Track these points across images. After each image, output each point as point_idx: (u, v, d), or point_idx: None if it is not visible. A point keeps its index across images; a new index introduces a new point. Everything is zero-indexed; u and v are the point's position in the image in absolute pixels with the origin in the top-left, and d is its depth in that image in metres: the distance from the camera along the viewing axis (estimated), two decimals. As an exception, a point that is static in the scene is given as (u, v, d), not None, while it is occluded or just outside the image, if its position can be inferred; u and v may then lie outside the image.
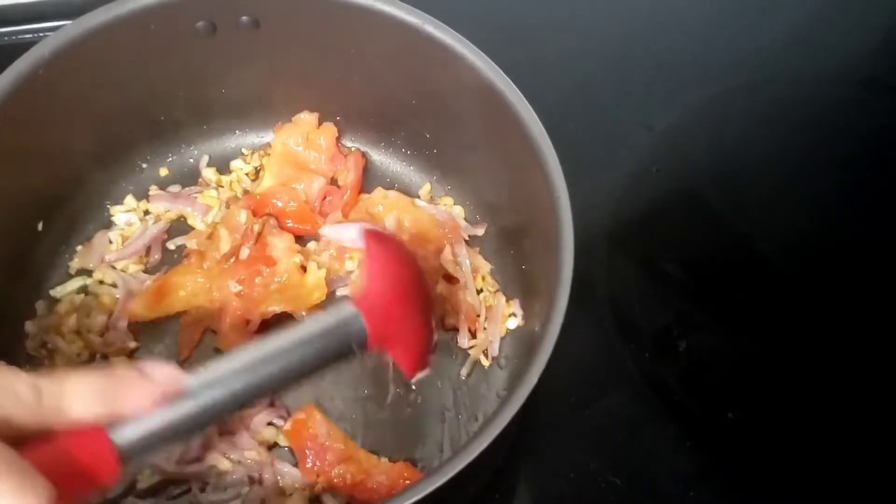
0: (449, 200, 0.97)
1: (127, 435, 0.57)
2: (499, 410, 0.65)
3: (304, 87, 0.95)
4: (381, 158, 1.00)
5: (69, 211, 0.93)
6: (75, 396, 0.55)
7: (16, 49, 0.80)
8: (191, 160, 0.99)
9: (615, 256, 0.99)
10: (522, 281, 0.89)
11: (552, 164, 0.75)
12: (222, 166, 0.99)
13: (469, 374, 0.89)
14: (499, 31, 1.03)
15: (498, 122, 0.80)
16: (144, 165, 0.97)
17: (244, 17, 0.86)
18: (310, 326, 0.67)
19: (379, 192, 0.96)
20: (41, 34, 1.05)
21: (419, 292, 0.77)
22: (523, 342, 0.89)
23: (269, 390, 0.65)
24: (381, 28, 0.83)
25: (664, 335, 0.95)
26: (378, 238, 0.78)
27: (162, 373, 0.59)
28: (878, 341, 0.96)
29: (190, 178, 0.98)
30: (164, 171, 0.98)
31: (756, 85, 1.12)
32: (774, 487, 0.88)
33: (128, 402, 0.57)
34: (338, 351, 0.68)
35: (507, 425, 0.64)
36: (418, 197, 0.97)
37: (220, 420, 0.62)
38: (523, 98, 0.78)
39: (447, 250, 0.92)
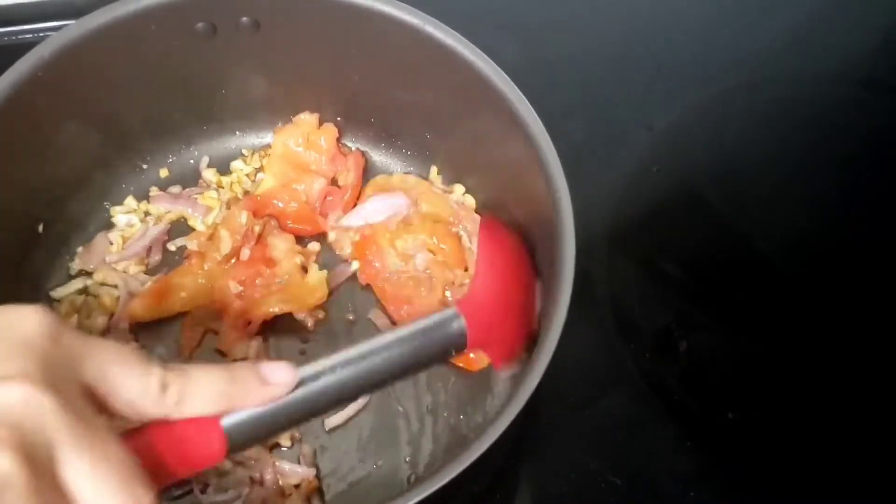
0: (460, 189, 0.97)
1: (236, 421, 0.59)
2: (500, 411, 0.65)
3: (304, 87, 0.95)
4: (382, 159, 1.00)
5: (69, 212, 0.93)
6: (197, 395, 0.57)
7: (16, 49, 0.80)
8: (191, 161, 0.99)
9: (615, 256, 0.99)
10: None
11: (553, 164, 0.75)
12: (223, 167, 0.99)
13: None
14: (499, 31, 1.03)
15: (498, 123, 0.80)
16: (145, 167, 0.97)
17: (244, 18, 0.86)
18: (412, 327, 0.69)
19: (398, 176, 0.97)
20: (41, 34, 1.05)
21: (526, 290, 0.79)
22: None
23: (370, 385, 0.67)
24: (382, 28, 0.83)
25: (664, 335, 0.95)
26: (492, 233, 0.79)
27: (281, 375, 0.61)
28: (879, 341, 0.96)
29: (191, 178, 0.98)
30: (164, 172, 0.98)
31: (756, 85, 1.12)
32: (774, 487, 0.88)
33: (246, 403, 0.59)
34: (436, 352, 0.70)
35: (508, 426, 0.64)
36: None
37: (323, 412, 0.65)
38: (524, 98, 0.78)
39: (464, 237, 0.92)
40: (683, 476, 0.88)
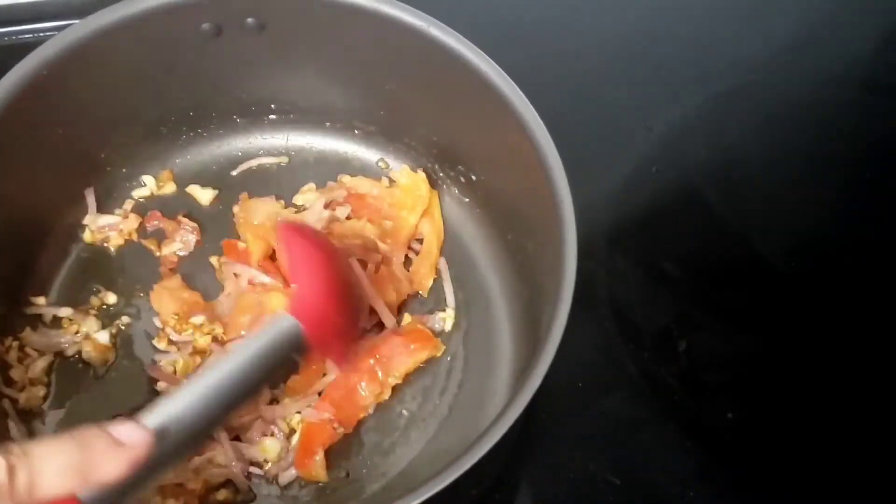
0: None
1: (99, 492, 0.56)
2: (502, 412, 0.66)
3: (308, 89, 0.95)
4: (384, 156, 1.00)
5: (70, 212, 0.93)
6: (47, 473, 0.52)
7: (16, 49, 0.81)
8: (194, 162, 0.99)
9: (615, 256, 0.99)
10: (524, 281, 0.89)
11: (554, 165, 0.75)
12: (228, 167, 0.99)
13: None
14: (499, 30, 1.03)
15: (499, 123, 0.80)
16: (147, 170, 0.97)
17: (250, 20, 0.85)
18: (251, 345, 0.67)
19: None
20: (42, 34, 1.04)
21: (346, 282, 0.79)
22: (523, 341, 0.89)
23: (225, 411, 0.66)
24: (385, 30, 0.83)
25: (664, 335, 0.95)
26: (295, 233, 0.79)
27: (135, 436, 0.57)
28: (879, 341, 0.97)
29: (193, 180, 0.98)
30: (166, 173, 0.98)
31: (756, 85, 1.13)
32: (774, 487, 0.88)
33: (104, 473, 0.55)
34: (281, 363, 0.69)
35: (509, 428, 0.65)
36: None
37: (183, 458, 0.64)
38: (525, 100, 0.78)
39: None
40: (683, 476, 0.88)
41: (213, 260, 0.94)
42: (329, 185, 0.98)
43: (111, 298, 0.92)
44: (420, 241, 0.96)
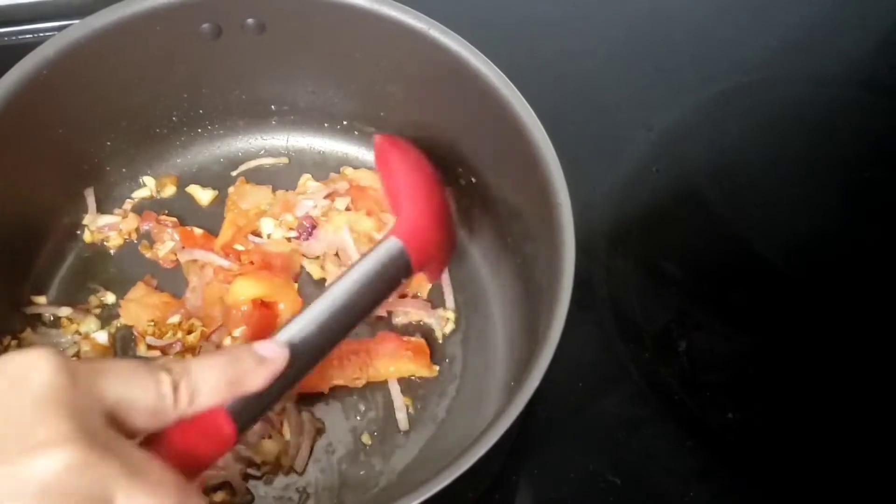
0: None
1: (238, 403, 0.62)
2: (501, 413, 0.65)
3: (309, 90, 0.95)
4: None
5: (70, 213, 0.93)
6: (205, 386, 0.58)
7: (16, 49, 0.81)
8: (194, 163, 0.99)
9: (615, 256, 0.99)
10: (523, 283, 0.89)
11: (554, 167, 0.75)
12: (229, 168, 0.99)
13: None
14: (499, 31, 1.03)
15: (501, 127, 0.80)
16: (147, 170, 0.97)
17: (250, 20, 0.85)
18: (361, 268, 0.73)
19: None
20: (41, 34, 1.05)
21: (442, 198, 0.81)
22: (522, 343, 0.89)
23: (343, 330, 0.71)
24: (385, 31, 0.83)
25: (664, 335, 0.95)
26: (398, 151, 0.82)
27: (275, 351, 0.64)
28: (879, 341, 0.97)
29: (192, 181, 0.98)
30: (167, 174, 0.98)
31: (756, 85, 1.13)
32: (774, 487, 0.88)
33: (250, 385, 0.61)
34: (389, 282, 0.74)
35: (505, 431, 0.64)
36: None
37: (309, 371, 0.69)
38: (526, 104, 0.78)
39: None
40: (683, 476, 0.88)
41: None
42: (332, 176, 0.99)
43: (110, 298, 0.92)
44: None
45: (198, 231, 0.95)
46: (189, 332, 0.88)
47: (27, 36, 1.08)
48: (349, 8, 0.82)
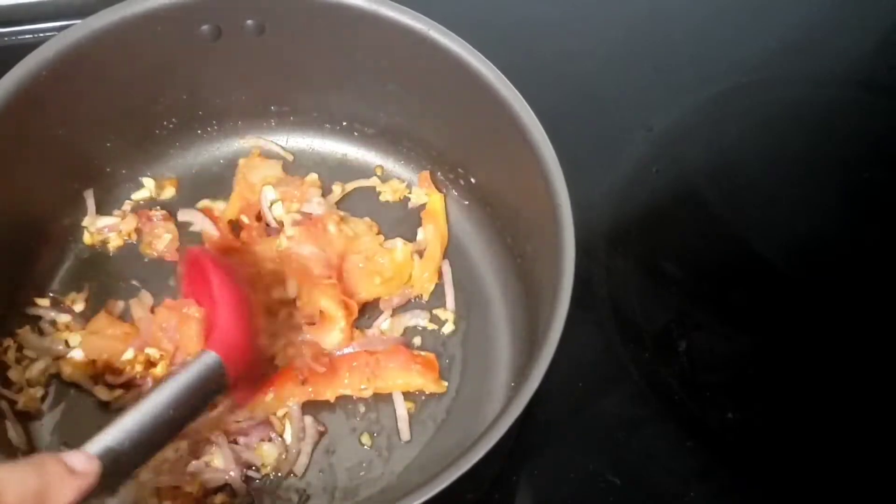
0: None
1: None
2: (501, 413, 0.65)
3: (308, 91, 0.95)
4: (384, 159, 1.00)
5: (69, 213, 0.93)
6: (8, 497, 0.54)
7: (16, 49, 0.81)
8: (194, 164, 0.99)
9: (615, 256, 0.99)
10: (523, 284, 0.89)
11: (553, 169, 0.75)
12: (229, 168, 0.99)
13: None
14: (499, 32, 1.03)
15: (500, 128, 0.80)
16: (147, 171, 0.97)
17: (249, 21, 0.86)
18: (178, 380, 0.72)
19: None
20: (41, 34, 1.05)
21: (253, 314, 0.81)
22: (522, 344, 0.89)
23: (160, 443, 0.71)
24: (385, 32, 0.83)
25: (664, 335, 0.95)
26: (212, 263, 0.80)
27: (85, 464, 0.61)
28: (878, 341, 0.97)
29: (192, 182, 0.98)
30: (167, 176, 0.98)
31: (755, 86, 1.13)
32: (774, 487, 0.88)
33: (57, 498, 0.58)
34: (206, 397, 0.74)
35: (504, 433, 0.64)
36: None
37: (125, 481, 0.68)
38: (526, 105, 0.78)
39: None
40: (683, 476, 0.88)
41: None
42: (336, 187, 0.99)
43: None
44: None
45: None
46: (150, 365, 0.87)
47: (27, 36, 1.08)
48: (349, 9, 0.82)
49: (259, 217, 0.95)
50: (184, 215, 0.95)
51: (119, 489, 0.67)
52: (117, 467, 0.65)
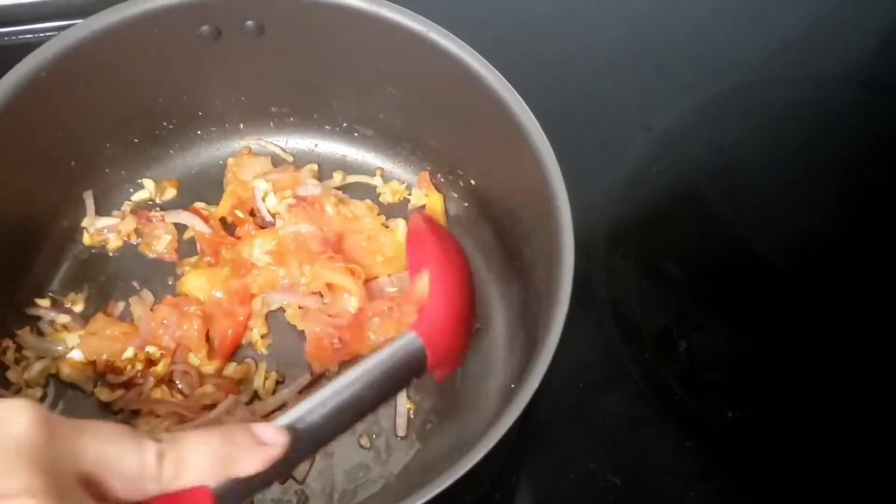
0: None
1: (226, 485, 0.58)
2: (501, 414, 0.65)
3: (308, 92, 0.95)
4: (383, 161, 1.00)
5: (68, 214, 0.93)
6: (193, 462, 0.55)
7: (16, 49, 0.81)
8: (193, 165, 0.99)
9: (615, 256, 0.99)
10: (522, 285, 0.89)
11: (553, 172, 0.75)
12: (225, 170, 0.98)
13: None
14: (499, 32, 1.04)
15: (500, 129, 0.80)
16: (146, 172, 0.97)
17: (249, 22, 0.85)
18: (377, 361, 0.71)
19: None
20: (41, 34, 1.05)
21: (471, 297, 0.80)
22: (521, 346, 0.88)
23: (346, 422, 0.69)
24: (385, 33, 0.83)
25: (664, 335, 0.95)
26: (437, 241, 0.80)
27: (273, 436, 0.60)
28: (879, 341, 0.97)
29: (192, 183, 0.98)
30: (167, 177, 0.98)
31: (756, 85, 1.13)
32: (774, 487, 0.88)
33: (243, 468, 0.58)
34: (400, 379, 0.73)
35: (507, 432, 0.64)
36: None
37: (306, 458, 0.69)
38: (526, 107, 0.78)
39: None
40: (683, 476, 0.88)
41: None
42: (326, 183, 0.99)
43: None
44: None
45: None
46: (150, 364, 0.87)
47: (27, 36, 1.08)
48: (348, 10, 0.82)
49: (253, 212, 0.95)
50: (171, 217, 0.95)
51: (302, 462, 0.67)
52: (304, 443, 0.64)
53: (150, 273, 0.93)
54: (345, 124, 0.98)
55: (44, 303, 0.90)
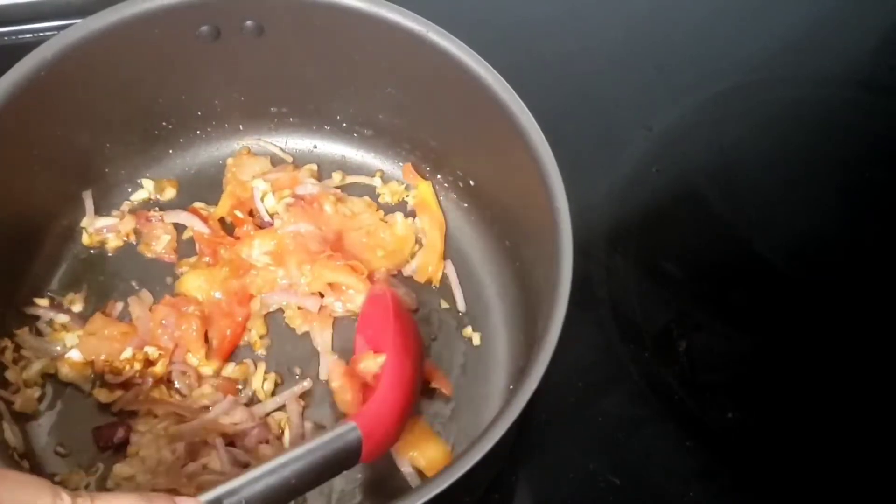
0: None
1: None
2: (500, 414, 0.65)
3: (307, 92, 0.95)
4: (381, 161, 1.00)
5: (67, 214, 0.93)
6: None
7: (16, 49, 0.81)
8: (192, 165, 0.99)
9: (615, 256, 0.99)
10: (521, 286, 0.89)
11: (553, 174, 0.75)
12: (224, 170, 0.98)
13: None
14: (499, 32, 1.04)
15: (499, 130, 0.80)
16: (146, 172, 0.97)
17: (248, 22, 0.85)
18: (311, 448, 0.70)
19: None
20: (41, 34, 1.05)
21: (417, 386, 0.80)
22: (520, 346, 0.89)
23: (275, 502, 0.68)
24: (384, 34, 0.83)
25: (664, 335, 0.95)
26: (395, 317, 0.80)
27: None
28: (878, 341, 0.97)
29: (191, 183, 0.98)
30: (166, 177, 0.98)
31: (756, 85, 1.13)
32: (774, 487, 0.88)
33: None
34: (333, 470, 0.72)
35: (504, 435, 0.64)
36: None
37: None
38: (525, 108, 0.78)
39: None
40: (683, 476, 0.88)
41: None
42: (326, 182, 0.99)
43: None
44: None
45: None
46: (148, 364, 0.87)
47: (27, 36, 1.08)
48: (348, 10, 0.82)
49: (252, 213, 0.95)
50: (170, 217, 0.95)
51: None
52: None
53: (149, 273, 0.93)
54: (344, 125, 0.98)
55: (42, 302, 0.90)
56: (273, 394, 0.88)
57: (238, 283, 0.90)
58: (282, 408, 0.87)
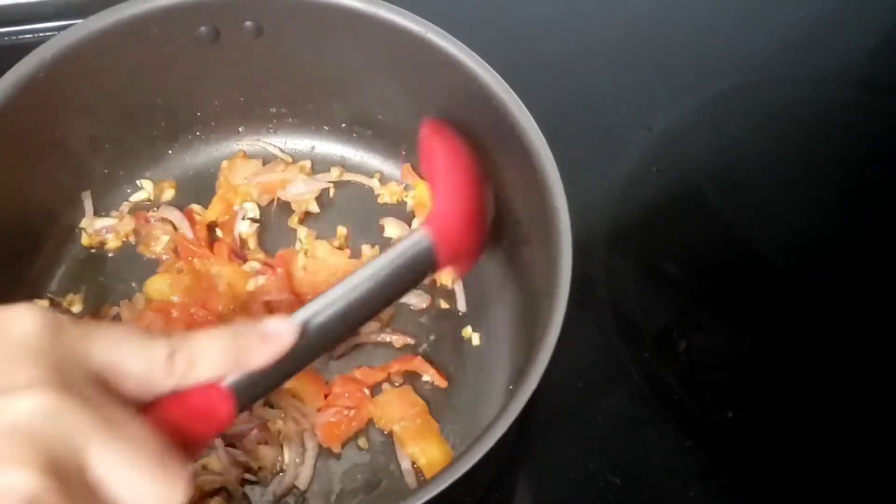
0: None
1: (240, 380, 0.60)
2: (498, 416, 0.65)
3: (306, 92, 0.95)
4: (380, 161, 1.00)
5: (66, 215, 0.93)
6: (204, 357, 0.57)
7: (15, 50, 0.81)
8: (192, 165, 0.99)
9: (615, 257, 0.99)
10: (520, 287, 0.89)
11: (552, 175, 0.75)
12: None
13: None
14: (499, 32, 1.04)
15: (498, 131, 0.80)
16: (145, 173, 0.97)
17: (248, 23, 0.85)
18: (385, 259, 0.71)
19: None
20: (41, 34, 1.05)
21: (480, 195, 0.78)
22: (519, 347, 0.89)
23: (358, 319, 0.70)
24: (384, 35, 0.83)
25: (664, 335, 0.95)
26: (443, 143, 0.79)
27: (282, 330, 0.62)
28: (879, 341, 0.97)
29: (191, 184, 0.98)
30: (165, 178, 0.97)
31: (755, 85, 1.13)
32: (775, 487, 0.88)
33: (253, 361, 0.60)
34: (412, 276, 0.73)
35: (504, 434, 0.64)
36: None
37: (320, 355, 0.68)
38: (525, 108, 0.78)
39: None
40: (683, 476, 0.88)
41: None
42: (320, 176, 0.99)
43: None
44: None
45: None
46: None
47: (27, 36, 1.08)
48: (347, 11, 0.82)
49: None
50: (163, 212, 0.95)
51: (311, 362, 0.67)
52: (315, 339, 0.65)
53: (149, 274, 0.93)
54: (343, 125, 0.98)
55: (42, 303, 0.90)
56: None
57: (202, 294, 0.90)
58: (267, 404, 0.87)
